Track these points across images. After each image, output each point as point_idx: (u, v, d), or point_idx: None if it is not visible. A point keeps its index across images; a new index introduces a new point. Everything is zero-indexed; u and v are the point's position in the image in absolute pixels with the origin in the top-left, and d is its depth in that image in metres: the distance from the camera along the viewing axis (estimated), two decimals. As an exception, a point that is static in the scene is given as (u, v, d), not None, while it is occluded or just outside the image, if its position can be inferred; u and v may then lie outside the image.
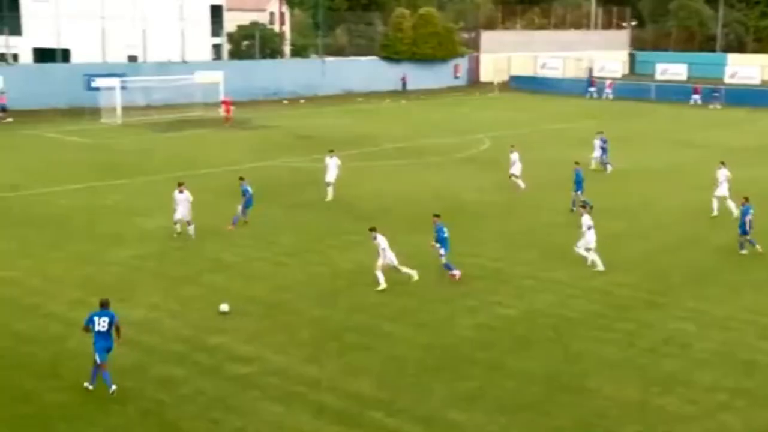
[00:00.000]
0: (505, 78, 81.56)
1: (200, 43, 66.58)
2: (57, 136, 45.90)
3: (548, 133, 51.44)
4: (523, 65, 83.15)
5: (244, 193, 27.62)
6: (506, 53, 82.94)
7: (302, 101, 65.63)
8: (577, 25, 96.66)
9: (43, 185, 33.00)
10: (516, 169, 33.67)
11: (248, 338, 18.10)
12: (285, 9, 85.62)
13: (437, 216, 22.77)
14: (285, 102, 64.65)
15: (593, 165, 37.57)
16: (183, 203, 25.46)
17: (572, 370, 16.90)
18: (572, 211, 29.43)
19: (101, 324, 15.38)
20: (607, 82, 74.98)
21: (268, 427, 14.37)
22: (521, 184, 33.60)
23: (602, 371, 16.86)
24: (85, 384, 15.48)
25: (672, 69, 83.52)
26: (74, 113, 52.72)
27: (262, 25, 75.53)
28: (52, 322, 18.58)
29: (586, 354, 17.73)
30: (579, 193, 29.95)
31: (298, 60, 74.88)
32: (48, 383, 15.70)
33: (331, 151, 32.51)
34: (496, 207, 31.15)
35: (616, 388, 16.06)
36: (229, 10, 73.85)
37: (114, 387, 15.21)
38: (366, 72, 72.38)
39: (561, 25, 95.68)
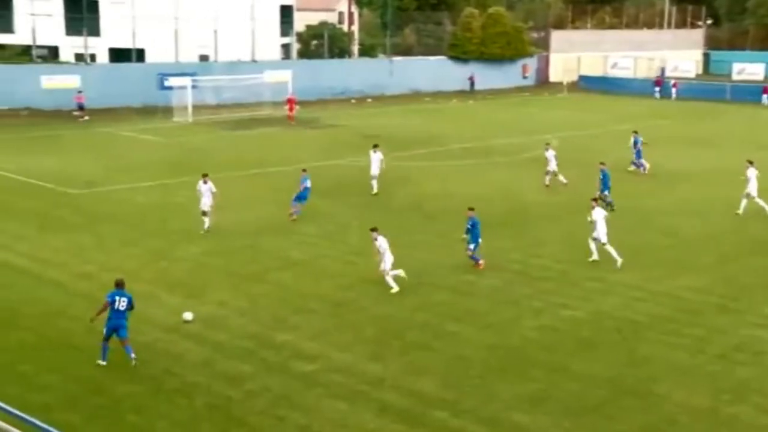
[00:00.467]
0: (575, 78, 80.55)
1: (270, 42, 67.36)
2: (131, 134, 47.00)
3: (618, 134, 50.58)
4: (592, 65, 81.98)
5: (302, 182, 28.38)
6: (576, 53, 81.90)
7: (370, 101, 65.87)
8: (650, 24, 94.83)
9: (118, 182, 33.83)
10: (553, 166, 33.79)
11: (314, 336, 18.28)
12: (354, 9, 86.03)
13: (471, 209, 23.23)
14: (353, 101, 64.98)
15: (631, 167, 37.18)
16: (206, 194, 26.08)
17: (639, 374, 16.63)
18: (612, 211, 29.03)
19: (120, 303, 16.42)
20: (672, 81, 73.49)
21: (331, 425, 14.49)
22: (563, 179, 33.74)
23: (670, 376, 16.54)
24: (98, 361, 16.31)
25: (749, 69, 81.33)
26: (147, 112, 53.90)
27: (331, 24, 76.01)
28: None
29: (654, 358, 17.42)
30: (606, 193, 29.68)
31: (366, 59, 75.17)
32: (119, 375, 16.11)
33: (375, 146, 33.07)
34: (562, 208, 30.81)
35: (685, 395, 15.75)
36: (299, 10, 74.53)
37: (103, 363, 16.28)
38: (433, 72, 72.27)
39: (633, 24, 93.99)
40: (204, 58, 62.34)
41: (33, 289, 20.65)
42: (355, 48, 79.41)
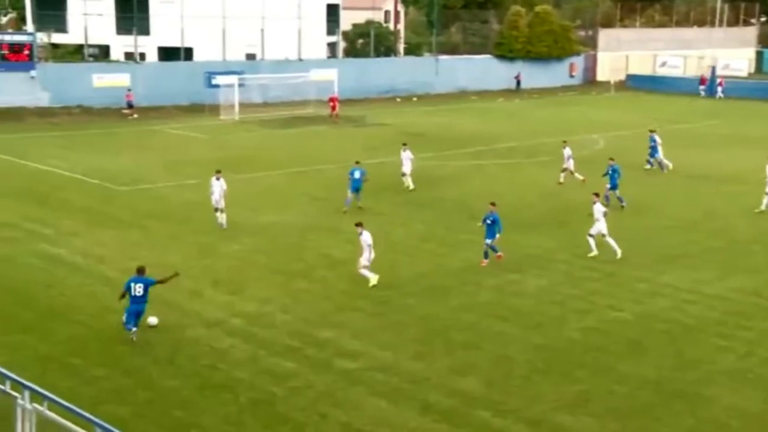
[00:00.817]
0: (622, 77, 79.58)
1: (316, 41, 67.61)
2: (178, 132, 47.56)
3: (666, 134, 49.90)
4: (641, 64, 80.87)
5: (351, 174, 29.11)
6: (624, 52, 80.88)
7: (415, 99, 65.79)
8: (701, 22, 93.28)
9: (166, 179, 34.24)
10: (570, 164, 33.98)
11: (357, 334, 18.30)
12: (400, 7, 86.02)
13: (493, 204, 23.48)
14: (398, 100, 64.96)
15: (654, 165, 37.05)
16: (217, 191, 26.28)
17: (687, 377, 16.37)
18: (623, 208, 29.70)
19: (137, 290, 17.16)
20: (718, 80, 72.20)
21: (373, 423, 14.49)
22: (580, 176, 33.71)
23: (720, 380, 16.25)
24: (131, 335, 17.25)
25: (805, 67, 79.59)
26: (194, 110, 54.47)
27: (377, 23, 76.06)
28: (171, 311, 19.26)
29: (703, 361, 17.14)
30: (615, 191, 30.06)
31: (411, 58, 75.07)
32: (167, 370, 16.30)
33: (404, 144, 33.45)
34: (609, 208, 30.39)
35: (735, 398, 15.46)
36: (345, 8, 74.66)
37: (134, 338, 17.19)
38: (479, 70, 71.95)
39: (683, 22, 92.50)
40: (251, 56, 62.80)
41: (85, 284, 21.00)
42: (401, 47, 79.35)
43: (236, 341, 17.76)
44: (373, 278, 21.13)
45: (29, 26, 61.94)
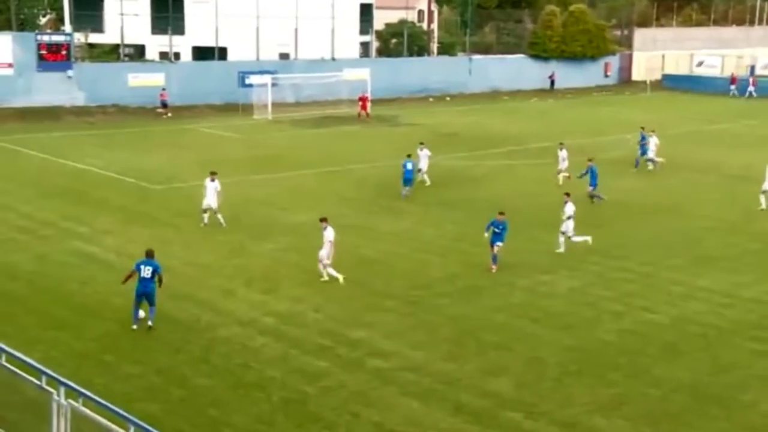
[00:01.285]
0: (658, 77, 78.77)
1: (349, 41, 67.69)
2: (212, 131, 47.90)
3: (703, 135, 49.38)
4: (677, 63, 80.00)
5: (404, 167, 30.83)
6: (660, 51, 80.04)
7: (448, 99, 65.65)
8: (740, 21, 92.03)
9: (199, 178, 34.34)
10: (564, 165, 34.09)
11: (388, 334, 18.30)
12: (434, 7, 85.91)
13: (502, 213, 22.94)
14: (431, 100, 64.87)
15: (649, 165, 37.13)
16: (212, 191, 26.32)
17: (723, 382, 16.16)
18: (592, 202, 30.15)
19: (146, 271, 18.04)
20: (751, 79, 71.17)
21: (405, 423, 14.48)
22: (561, 178, 33.85)
23: (757, 385, 16.03)
24: (133, 327, 17.92)
25: None
26: (228, 109, 54.81)
27: (410, 22, 75.98)
28: (204, 310, 19.41)
29: (739, 366, 16.91)
30: (593, 188, 30.29)
31: (445, 58, 74.89)
32: (200, 368, 16.41)
33: (421, 143, 34.24)
34: (645, 209, 30.19)
35: (771, 404, 15.22)
36: (378, 8, 74.69)
37: (135, 327, 17.94)
38: (513, 70, 71.61)
39: (721, 21, 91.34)
40: (284, 56, 63.05)
41: (118, 282, 21.12)
42: (434, 46, 79.23)
43: (268, 340, 17.84)
44: (339, 276, 21.08)
45: (67, 26, 62.72)
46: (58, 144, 41.93)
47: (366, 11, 72.23)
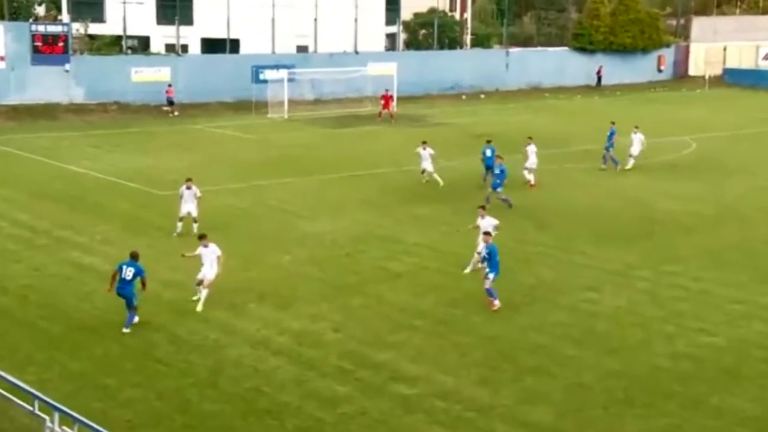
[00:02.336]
0: (718, 71, 78.22)
1: (374, 32, 67.80)
2: (222, 131, 48.23)
3: (766, 137, 49.00)
4: (741, 56, 79.40)
5: (483, 153, 33.19)
6: (721, 42, 79.47)
7: (482, 96, 65.62)
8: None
9: (207, 183, 34.63)
10: (531, 163, 34.52)
11: (415, 356, 18.30)
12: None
13: (488, 234, 21.64)
14: (463, 97, 64.88)
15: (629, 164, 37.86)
16: (190, 199, 26.47)
17: (790, 413, 15.99)
18: (510, 207, 30.17)
19: (127, 272, 19.02)
20: None
21: (433, 455, 14.47)
22: (530, 178, 34.32)
23: (826, 417, 15.84)
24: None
25: None
26: (240, 107, 55.15)
27: (441, 12, 76.03)
28: (211, 328, 19.52)
29: (807, 395, 16.72)
30: (499, 191, 30.55)
31: (479, 51, 74.90)
32: (206, 392, 16.50)
33: (424, 142, 34.97)
34: (701, 219, 29.99)
35: (843, 438, 15.05)
36: (406, -5, 74.88)
37: (126, 330, 18.86)
38: (555, 64, 71.45)
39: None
40: (302, 49, 63.32)
41: (119, 297, 21.33)
42: (468, 38, 79.25)
43: (282, 362, 17.91)
44: (200, 300, 20.49)
45: (64, 16, 63.43)
46: (55, 145, 42.41)
47: (392, -1, 72.38)
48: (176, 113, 52.99)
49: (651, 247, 26.43)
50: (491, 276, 20.86)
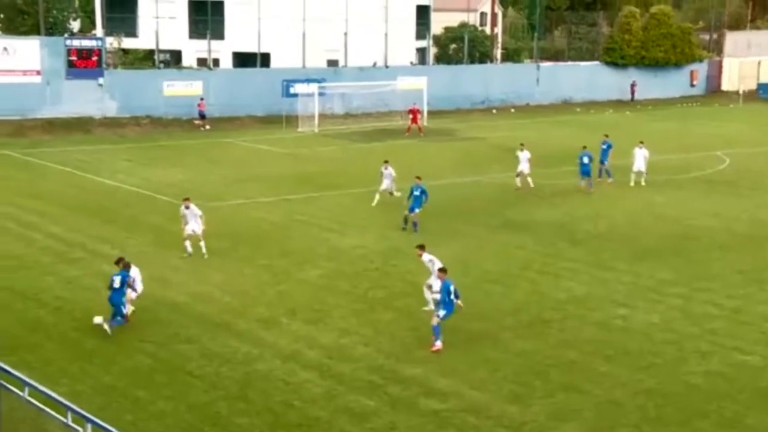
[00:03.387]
0: (752, 86, 77.58)
1: (404, 46, 68.06)
2: (253, 145, 48.50)
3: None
4: (775, 71, 78.79)
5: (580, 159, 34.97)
6: (755, 57, 78.85)
7: (513, 111, 65.55)
8: None
9: (238, 196, 34.92)
10: (523, 167, 35.94)
11: (446, 371, 18.26)
12: (498, 9, 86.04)
13: (443, 271, 19.91)
14: (494, 111, 64.84)
15: (634, 179, 37.64)
16: (192, 218, 25.90)
17: (826, 434, 15.77)
18: (415, 231, 28.77)
19: (115, 282, 19.73)
20: None
21: (464, 471, 14.40)
22: (519, 183, 36.14)
23: None
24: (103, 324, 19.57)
25: None
26: (271, 121, 55.45)
27: (472, 26, 76.18)
28: (242, 341, 19.60)
29: None
30: (416, 211, 29.26)
31: (509, 65, 74.91)
32: (237, 406, 16.55)
33: (386, 161, 33.75)
34: (735, 236, 29.71)
35: None
36: (436, 10, 75.03)
37: (109, 331, 19.48)
38: (586, 79, 71.27)
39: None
40: (332, 63, 63.63)
41: (150, 310, 21.52)
42: (498, 52, 79.27)
43: (312, 375, 17.93)
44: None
45: (98, 30, 64.20)
46: (88, 158, 42.87)
47: (423, 14, 72.58)
48: (207, 127, 53.37)
49: (684, 264, 26.21)
50: (441, 314, 19.27)
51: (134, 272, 20.78)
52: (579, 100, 69.79)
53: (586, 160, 35.61)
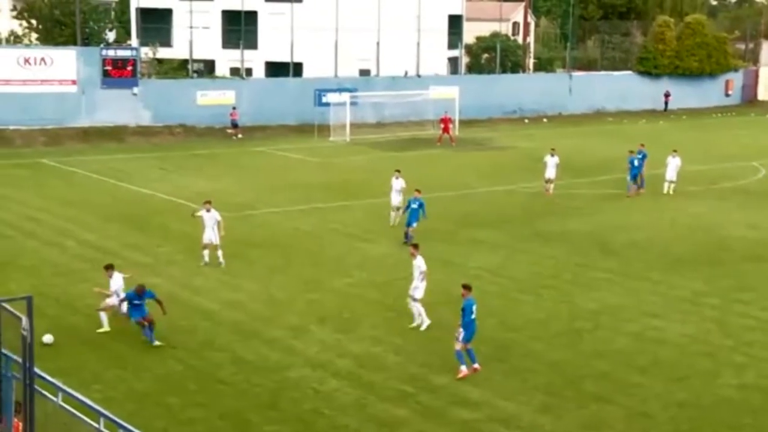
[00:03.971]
0: (789, 96, 76.80)
1: (436, 56, 68.08)
2: (285, 153, 48.68)
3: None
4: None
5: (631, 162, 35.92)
6: (793, 66, 78.08)
7: (545, 120, 65.31)
8: None
9: (270, 205, 35.06)
10: (550, 173, 36.54)
11: (476, 381, 18.18)
12: (530, 18, 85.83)
13: (468, 288, 18.87)
14: (526, 121, 64.63)
15: (666, 188, 37.84)
16: (211, 223, 25.51)
17: None
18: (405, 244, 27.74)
19: (123, 307, 20.34)
20: None
21: (494, 482, 14.33)
22: (550, 189, 36.68)
23: None
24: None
25: None
26: (303, 130, 55.62)
27: (504, 36, 76.07)
28: (273, 349, 19.65)
29: None
30: (414, 226, 28.50)
31: (542, 75, 74.67)
32: (267, 414, 16.59)
33: (398, 171, 32.33)
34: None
35: None
36: (469, 20, 75.03)
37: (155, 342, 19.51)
38: (619, 88, 70.81)
39: None
40: (364, 72, 63.78)
41: (182, 317, 21.65)
42: (531, 62, 79.07)
43: (342, 384, 17.93)
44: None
45: (133, 40, 64.86)
46: (122, 166, 43.24)
47: (455, 23, 72.58)
48: (240, 135, 53.66)
49: (719, 275, 25.93)
50: (461, 337, 18.25)
51: (118, 279, 20.91)
52: (612, 109, 69.37)
53: (636, 163, 36.82)
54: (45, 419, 10.54)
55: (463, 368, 18.21)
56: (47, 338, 19.41)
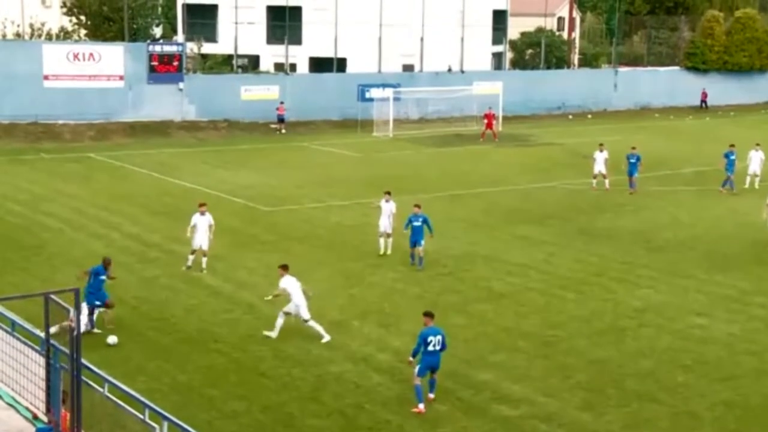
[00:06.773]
0: None
1: (480, 51, 67.81)
2: (328, 149, 48.84)
3: None
4: None
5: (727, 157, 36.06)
6: None
7: (590, 117, 64.77)
8: None
9: (313, 199, 35.19)
10: (600, 168, 36.62)
11: (518, 377, 18.12)
12: (576, 14, 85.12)
13: (429, 316, 17.25)
14: (570, 117, 64.14)
15: (749, 181, 37.85)
16: (203, 227, 24.57)
17: None
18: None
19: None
20: None
21: (535, 479, 14.27)
22: (595, 184, 36.84)
23: None
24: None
25: None
26: (346, 125, 55.77)
27: (549, 31, 75.53)
28: (314, 343, 19.73)
29: None
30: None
31: (587, 70, 74.03)
32: (309, 407, 16.67)
33: (387, 193, 27.86)
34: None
35: None
36: (513, 15, 74.57)
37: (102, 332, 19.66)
38: (665, 84, 69.99)
39: None
40: (408, 68, 63.70)
41: (225, 310, 21.85)
42: (576, 57, 78.44)
43: (384, 379, 17.96)
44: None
45: (179, 36, 65.42)
46: (167, 161, 43.67)
47: (499, 18, 72.20)
48: (283, 131, 53.92)
49: (766, 273, 25.55)
50: (416, 370, 16.57)
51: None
52: (658, 105, 68.56)
53: (732, 158, 36.62)
54: (91, 409, 10.68)
55: (421, 406, 16.33)
56: (111, 339, 19.46)
